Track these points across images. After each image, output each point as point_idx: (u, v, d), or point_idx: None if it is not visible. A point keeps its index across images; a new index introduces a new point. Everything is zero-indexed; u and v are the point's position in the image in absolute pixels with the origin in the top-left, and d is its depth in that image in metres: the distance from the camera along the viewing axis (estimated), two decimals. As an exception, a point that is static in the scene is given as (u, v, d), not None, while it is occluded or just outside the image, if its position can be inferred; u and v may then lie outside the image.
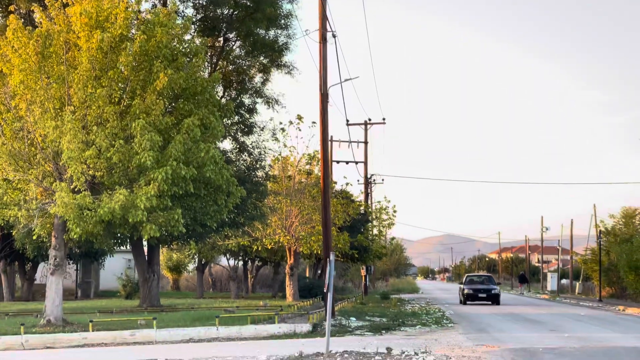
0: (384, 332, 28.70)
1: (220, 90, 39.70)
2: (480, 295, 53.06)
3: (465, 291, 53.80)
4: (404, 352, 19.89)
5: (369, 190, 67.24)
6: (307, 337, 26.25)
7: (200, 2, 39.45)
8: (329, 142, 32.76)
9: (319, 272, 65.71)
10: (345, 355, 19.51)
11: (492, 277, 58.67)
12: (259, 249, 50.68)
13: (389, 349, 20.19)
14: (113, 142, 26.53)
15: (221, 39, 40.63)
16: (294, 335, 27.09)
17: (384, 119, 66.52)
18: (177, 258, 71.27)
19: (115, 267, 63.80)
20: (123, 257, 65.78)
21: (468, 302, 52.67)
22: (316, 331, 27.92)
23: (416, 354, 19.56)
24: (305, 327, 28.26)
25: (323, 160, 32.89)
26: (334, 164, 59.18)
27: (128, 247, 43.59)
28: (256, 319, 30.50)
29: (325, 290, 21.54)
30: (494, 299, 52.64)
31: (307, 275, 65.52)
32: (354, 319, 33.76)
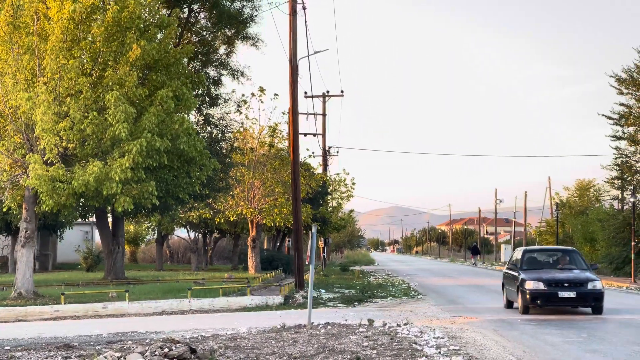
0: (356, 303, 28.87)
1: (184, 61, 39.32)
2: (564, 294, 23.64)
3: (530, 285, 23.85)
4: (386, 324, 20.01)
5: (327, 162, 67.15)
6: (280, 309, 26.36)
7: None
8: (297, 115, 32.61)
9: (278, 244, 65.87)
10: (329, 327, 19.58)
11: (576, 253, 26.64)
12: (221, 221, 50.57)
13: (370, 321, 20.28)
14: (86, 114, 26.26)
15: (186, 9, 40.23)
16: (266, 307, 27.18)
17: (342, 91, 66.49)
18: (135, 230, 70.94)
19: (73, 239, 63.28)
20: (80, 229, 65.32)
21: (536, 306, 24.33)
22: (288, 303, 28.06)
23: (399, 325, 19.68)
24: (277, 299, 28.36)
25: (293, 132, 32.77)
26: (294, 136, 58.97)
27: (90, 218, 43.23)
28: (227, 291, 30.56)
29: (307, 263, 21.60)
30: (594, 302, 23.92)
31: (266, 247, 65.60)
32: (323, 290, 33.96)
